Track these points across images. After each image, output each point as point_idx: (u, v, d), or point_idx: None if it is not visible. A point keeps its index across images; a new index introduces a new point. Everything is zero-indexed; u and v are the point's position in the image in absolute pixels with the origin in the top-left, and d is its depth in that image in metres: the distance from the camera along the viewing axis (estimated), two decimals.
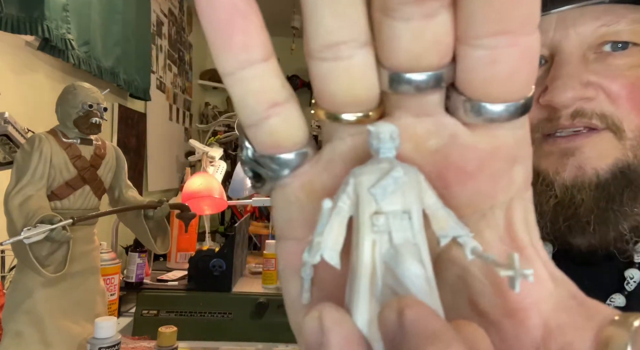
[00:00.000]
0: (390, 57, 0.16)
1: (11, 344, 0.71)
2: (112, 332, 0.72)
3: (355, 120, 0.18)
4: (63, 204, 0.77)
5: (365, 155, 0.18)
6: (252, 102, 0.18)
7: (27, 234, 0.65)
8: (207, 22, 0.17)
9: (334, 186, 0.18)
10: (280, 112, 0.18)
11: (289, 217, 0.20)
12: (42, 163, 0.74)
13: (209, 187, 1.36)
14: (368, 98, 0.17)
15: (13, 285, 0.74)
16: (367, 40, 0.16)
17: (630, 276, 0.44)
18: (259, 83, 0.17)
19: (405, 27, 0.15)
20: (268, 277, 1.25)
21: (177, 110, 2.96)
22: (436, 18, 0.15)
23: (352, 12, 0.16)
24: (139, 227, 0.86)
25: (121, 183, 0.87)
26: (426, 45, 0.16)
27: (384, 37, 0.16)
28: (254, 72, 0.17)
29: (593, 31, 0.42)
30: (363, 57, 0.16)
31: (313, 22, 0.16)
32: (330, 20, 0.16)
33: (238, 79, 0.17)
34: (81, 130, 0.79)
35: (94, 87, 0.82)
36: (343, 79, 0.17)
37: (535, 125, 0.44)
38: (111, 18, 1.80)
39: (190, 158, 1.81)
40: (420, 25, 0.15)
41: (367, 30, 0.16)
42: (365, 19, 0.16)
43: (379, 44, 0.16)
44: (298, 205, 0.19)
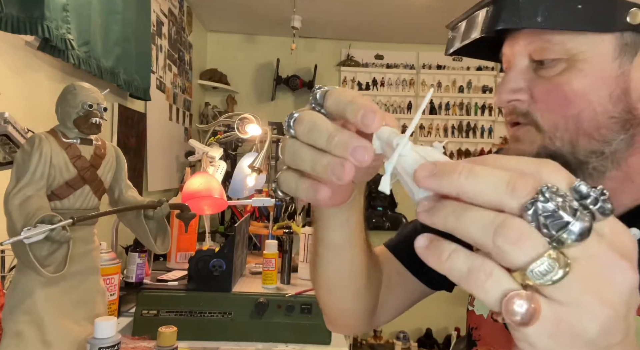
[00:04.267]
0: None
1: (11, 344, 0.71)
2: (112, 332, 0.72)
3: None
4: (63, 204, 0.77)
5: None
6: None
7: (27, 234, 0.65)
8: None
9: None
10: None
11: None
12: (42, 163, 0.74)
13: (209, 187, 1.36)
14: None
15: (13, 285, 0.74)
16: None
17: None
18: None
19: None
20: (268, 277, 1.25)
21: (177, 110, 2.96)
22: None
23: None
24: (139, 227, 0.86)
25: (121, 183, 0.87)
26: None
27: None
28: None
29: (526, 47, 0.56)
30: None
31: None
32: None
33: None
34: (81, 130, 0.79)
35: (94, 87, 0.82)
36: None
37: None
38: (111, 18, 1.80)
39: (190, 158, 1.81)
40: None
41: None
42: None
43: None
44: None
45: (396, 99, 3.84)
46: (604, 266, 0.27)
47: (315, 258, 0.61)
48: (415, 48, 3.86)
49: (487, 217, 0.26)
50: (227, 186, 1.81)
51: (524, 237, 0.25)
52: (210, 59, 3.78)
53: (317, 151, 0.36)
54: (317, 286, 0.66)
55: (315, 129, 0.36)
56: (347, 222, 0.55)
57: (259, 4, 3.12)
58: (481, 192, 0.27)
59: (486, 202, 0.27)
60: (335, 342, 1.16)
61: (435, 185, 0.29)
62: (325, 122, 0.36)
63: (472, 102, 3.83)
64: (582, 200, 0.26)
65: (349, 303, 0.67)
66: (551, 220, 0.25)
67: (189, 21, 3.21)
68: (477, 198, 0.27)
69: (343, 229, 0.55)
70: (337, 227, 0.55)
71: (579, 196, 0.26)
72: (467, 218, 0.27)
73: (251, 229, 1.90)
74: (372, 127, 0.34)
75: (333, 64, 3.87)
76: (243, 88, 3.80)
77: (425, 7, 3.03)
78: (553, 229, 0.25)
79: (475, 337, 0.72)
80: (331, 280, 0.63)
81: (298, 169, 0.38)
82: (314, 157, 0.36)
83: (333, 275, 0.62)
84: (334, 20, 3.40)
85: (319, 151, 0.36)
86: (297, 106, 3.99)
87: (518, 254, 0.26)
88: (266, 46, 3.80)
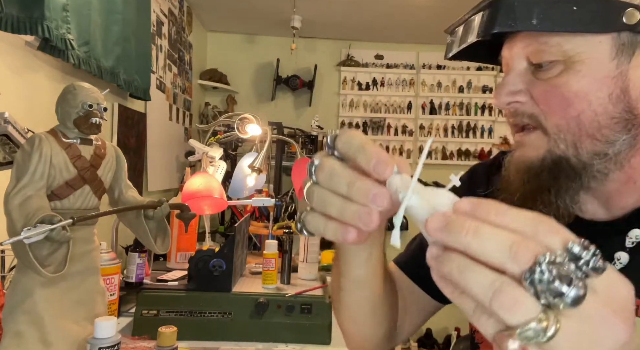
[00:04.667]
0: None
1: (11, 344, 0.71)
2: (112, 332, 0.72)
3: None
4: (63, 204, 0.77)
5: None
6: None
7: (27, 234, 0.65)
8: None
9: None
10: None
11: None
12: (42, 163, 0.74)
13: (209, 187, 1.36)
14: None
15: (13, 285, 0.74)
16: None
17: (618, 259, 0.56)
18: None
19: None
20: (268, 277, 1.25)
21: (177, 110, 2.96)
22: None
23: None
24: (139, 227, 0.86)
25: (121, 183, 0.87)
26: None
27: None
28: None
29: (524, 49, 0.56)
30: None
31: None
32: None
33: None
34: (81, 130, 0.79)
35: (94, 87, 0.82)
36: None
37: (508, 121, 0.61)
38: (111, 18, 1.80)
39: (190, 158, 1.80)
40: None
41: None
42: None
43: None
44: None
45: (396, 99, 3.84)
46: (596, 325, 0.29)
47: (338, 291, 0.64)
48: (415, 48, 3.86)
49: (487, 278, 0.29)
50: (227, 186, 1.81)
51: (518, 303, 0.28)
52: (210, 59, 3.78)
53: (344, 199, 0.39)
54: (340, 315, 0.70)
55: (335, 177, 0.40)
56: (369, 258, 0.57)
57: (259, 4, 3.12)
58: (485, 253, 0.30)
59: (489, 262, 0.30)
60: (335, 342, 1.16)
61: (444, 239, 0.31)
62: (343, 170, 0.40)
63: (472, 102, 3.83)
64: (576, 261, 0.28)
65: (370, 330, 0.70)
66: (548, 289, 0.27)
67: (189, 21, 3.21)
68: (482, 257, 0.30)
69: (365, 265, 0.58)
70: (359, 263, 0.57)
71: (573, 257, 0.28)
72: (469, 276, 0.30)
73: (251, 229, 1.90)
74: (384, 175, 0.37)
75: (333, 64, 3.87)
76: (243, 88, 3.80)
77: (425, 7, 3.03)
78: (550, 297, 0.28)
79: (477, 339, 0.72)
80: (354, 311, 0.66)
81: (324, 213, 0.41)
82: (342, 205, 0.39)
83: (355, 306, 0.65)
84: (334, 20, 3.40)
85: (346, 199, 0.39)
86: (297, 106, 4.01)
87: (510, 317, 0.28)
88: (266, 46, 3.80)
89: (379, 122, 3.83)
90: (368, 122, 3.84)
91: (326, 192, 0.40)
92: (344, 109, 3.85)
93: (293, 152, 3.16)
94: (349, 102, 3.85)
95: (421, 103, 3.85)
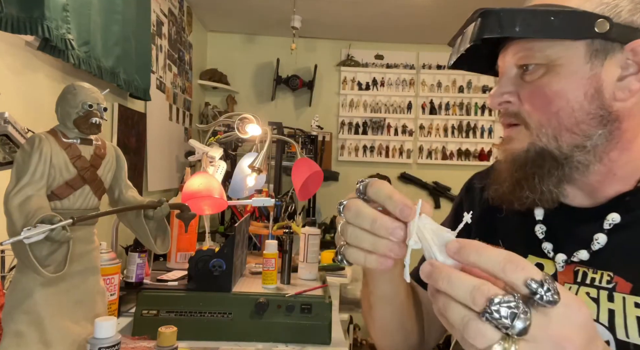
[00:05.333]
0: None
1: (11, 344, 0.71)
2: (112, 332, 0.72)
3: None
4: (63, 204, 0.77)
5: None
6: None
7: (27, 234, 0.65)
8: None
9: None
10: None
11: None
12: (42, 163, 0.74)
13: (209, 187, 1.35)
14: None
15: (13, 285, 0.74)
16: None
17: (596, 239, 0.63)
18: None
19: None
20: (268, 277, 1.25)
21: (177, 110, 2.96)
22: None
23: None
24: (139, 227, 0.85)
25: (121, 183, 0.87)
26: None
27: None
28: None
29: (513, 56, 0.64)
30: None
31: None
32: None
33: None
34: (81, 130, 0.79)
35: (94, 87, 0.82)
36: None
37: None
38: (111, 18, 1.80)
39: (190, 158, 1.80)
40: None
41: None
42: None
43: None
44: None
45: (396, 99, 3.84)
46: (545, 347, 0.38)
47: (369, 309, 0.74)
48: (415, 48, 3.86)
49: (459, 314, 0.39)
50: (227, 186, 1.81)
51: (480, 334, 0.38)
52: (210, 59, 3.78)
53: (373, 235, 0.50)
54: (373, 331, 0.79)
55: (360, 216, 0.50)
56: (395, 277, 0.68)
57: (259, 4, 3.12)
58: (456, 296, 0.40)
59: (461, 302, 0.39)
60: (335, 342, 1.16)
61: (432, 284, 0.42)
62: (368, 209, 0.50)
63: (472, 102, 3.83)
64: (533, 295, 0.37)
65: (401, 343, 0.79)
66: (499, 324, 0.37)
67: (189, 21, 3.21)
68: (455, 298, 0.40)
69: (392, 283, 0.68)
70: (386, 282, 0.68)
71: (530, 292, 0.37)
72: (448, 310, 0.40)
73: (251, 229, 1.90)
74: (408, 219, 0.47)
75: (333, 64, 3.87)
76: (243, 88, 3.80)
77: (425, 7, 3.03)
78: (502, 328, 0.37)
79: None
80: (385, 324, 0.76)
81: (359, 246, 0.51)
82: (374, 240, 0.50)
83: (385, 320, 0.75)
84: (334, 20, 3.40)
85: (378, 237, 0.49)
86: (297, 106, 4.01)
87: (477, 344, 0.38)
88: (266, 46, 3.80)
89: (379, 122, 3.83)
90: (368, 122, 3.84)
91: (357, 229, 0.51)
92: (344, 109, 3.85)
93: (293, 152, 3.16)
94: (349, 102, 3.85)
95: (421, 103, 3.85)
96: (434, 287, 0.42)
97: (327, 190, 3.65)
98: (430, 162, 3.85)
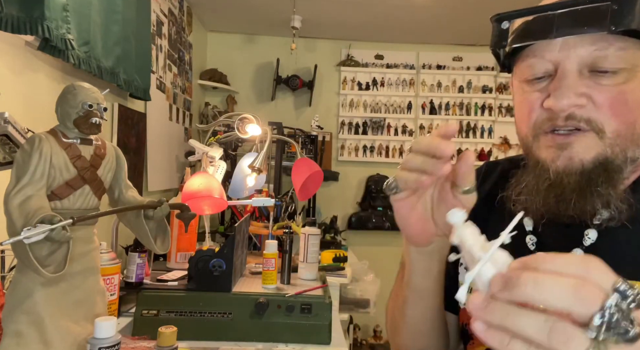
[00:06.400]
0: None
1: (11, 344, 0.71)
2: (112, 332, 0.72)
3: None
4: (63, 204, 0.77)
5: None
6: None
7: (27, 234, 0.65)
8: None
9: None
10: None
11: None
12: (42, 163, 0.74)
13: (209, 187, 1.35)
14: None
15: (13, 285, 0.74)
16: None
17: (587, 234, 0.61)
18: None
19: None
20: (268, 277, 1.25)
21: (177, 110, 2.96)
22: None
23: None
24: (139, 227, 0.85)
25: (121, 183, 0.87)
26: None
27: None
28: None
29: (589, 54, 0.57)
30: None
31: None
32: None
33: None
34: (81, 130, 0.79)
35: (94, 87, 0.82)
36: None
37: (539, 123, 0.61)
38: (111, 18, 1.80)
39: (190, 158, 1.80)
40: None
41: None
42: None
43: None
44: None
45: (396, 99, 3.84)
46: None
47: (403, 305, 0.72)
48: (415, 48, 3.86)
49: (539, 320, 0.32)
50: (227, 186, 1.81)
51: (572, 337, 0.31)
52: (210, 59, 3.78)
53: (426, 157, 0.52)
54: (402, 331, 0.75)
55: (418, 141, 0.54)
56: (430, 270, 0.66)
57: (259, 4, 3.12)
58: (549, 300, 0.32)
59: (554, 308, 0.32)
60: (335, 342, 1.16)
61: (508, 296, 0.34)
62: (425, 139, 0.53)
63: (472, 102, 3.83)
64: (624, 300, 0.32)
65: (428, 347, 0.75)
66: (616, 327, 0.31)
67: (189, 21, 3.21)
68: (545, 304, 0.33)
69: (427, 275, 0.66)
70: (421, 272, 0.66)
71: (621, 296, 0.32)
72: (521, 320, 0.33)
73: (251, 229, 1.90)
74: (454, 134, 0.52)
75: (333, 64, 3.87)
76: (243, 88, 3.80)
77: (425, 7, 3.03)
78: (613, 335, 0.31)
79: (470, 331, 0.73)
80: (417, 323, 0.72)
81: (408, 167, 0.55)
82: (423, 160, 0.53)
83: (418, 318, 0.72)
84: (334, 20, 3.40)
85: (428, 157, 0.52)
86: (297, 106, 4.00)
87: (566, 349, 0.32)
88: (266, 46, 3.80)
89: (379, 122, 3.83)
90: (368, 122, 3.84)
91: (412, 154, 0.54)
92: (344, 109, 3.84)
93: (293, 152, 3.15)
94: (349, 102, 3.85)
95: (421, 103, 3.85)
96: (484, 301, 0.35)
97: (327, 190, 3.65)
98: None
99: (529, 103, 0.63)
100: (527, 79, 0.63)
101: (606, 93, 0.57)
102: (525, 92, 0.64)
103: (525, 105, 0.64)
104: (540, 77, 0.62)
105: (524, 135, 0.65)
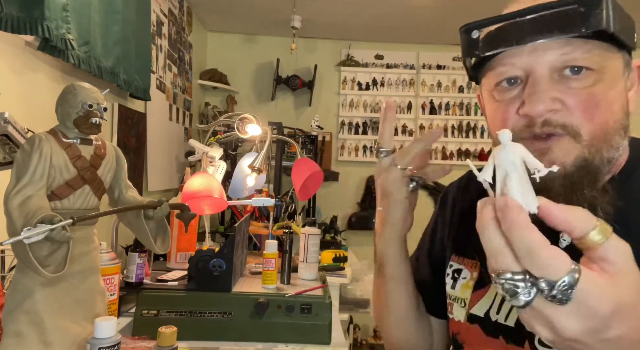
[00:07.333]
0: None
1: (11, 344, 0.71)
2: (112, 332, 0.72)
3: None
4: (63, 204, 0.77)
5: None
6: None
7: (27, 234, 0.65)
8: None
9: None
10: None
11: None
12: (42, 163, 0.74)
13: (209, 187, 1.35)
14: None
15: (13, 285, 0.74)
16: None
17: (562, 236, 0.59)
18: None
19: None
20: (268, 277, 1.25)
21: (177, 110, 2.96)
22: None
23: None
24: (139, 227, 0.85)
25: (121, 183, 0.87)
26: None
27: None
28: None
29: (556, 58, 0.57)
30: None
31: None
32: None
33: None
34: (81, 130, 0.79)
35: (94, 87, 0.82)
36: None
37: (517, 131, 0.59)
38: (111, 18, 1.80)
39: (190, 158, 1.80)
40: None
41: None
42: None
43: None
44: None
45: (396, 99, 3.84)
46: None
47: (385, 297, 0.80)
48: (415, 48, 3.86)
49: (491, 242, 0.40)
50: (227, 186, 1.81)
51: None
52: (210, 59, 3.78)
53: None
54: (387, 322, 0.83)
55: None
56: (406, 258, 0.77)
57: (259, 4, 3.12)
58: (486, 246, 0.40)
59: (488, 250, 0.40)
60: (335, 342, 1.16)
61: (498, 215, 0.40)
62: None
63: (472, 102, 3.83)
64: (551, 290, 0.37)
65: (414, 333, 0.82)
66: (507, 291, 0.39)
67: (189, 21, 3.21)
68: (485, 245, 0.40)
69: (402, 264, 0.77)
70: (397, 261, 0.76)
71: (549, 287, 0.37)
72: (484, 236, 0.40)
73: (251, 229, 1.90)
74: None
75: (333, 64, 3.87)
76: (243, 88, 3.80)
77: (425, 7, 3.03)
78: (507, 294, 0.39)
79: (460, 340, 0.75)
80: (399, 309, 0.80)
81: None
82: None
83: (397, 304, 0.80)
84: (334, 20, 3.40)
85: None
86: (297, 106, 4.01)
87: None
88: (266, 46, 3.80)
89: (379, 122, 3.83)
90: (368, 122, 3.84)
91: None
92: (344, 108, 3.85)
93: (293, 152, 3.15)
94: (349, 102, 3.85)
95: (421, 103, 3.85)
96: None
97: (327, 190, 3.65)
98: (430, 162, 3.85)
99: (502, 111, 0.62)
100: (498, 88, 0.63)
101: (577, 96, 0.57)
102: (497, 100, 0.63)
103: (499, 113, 0.63)
104: (511, 84, 0.61)
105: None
